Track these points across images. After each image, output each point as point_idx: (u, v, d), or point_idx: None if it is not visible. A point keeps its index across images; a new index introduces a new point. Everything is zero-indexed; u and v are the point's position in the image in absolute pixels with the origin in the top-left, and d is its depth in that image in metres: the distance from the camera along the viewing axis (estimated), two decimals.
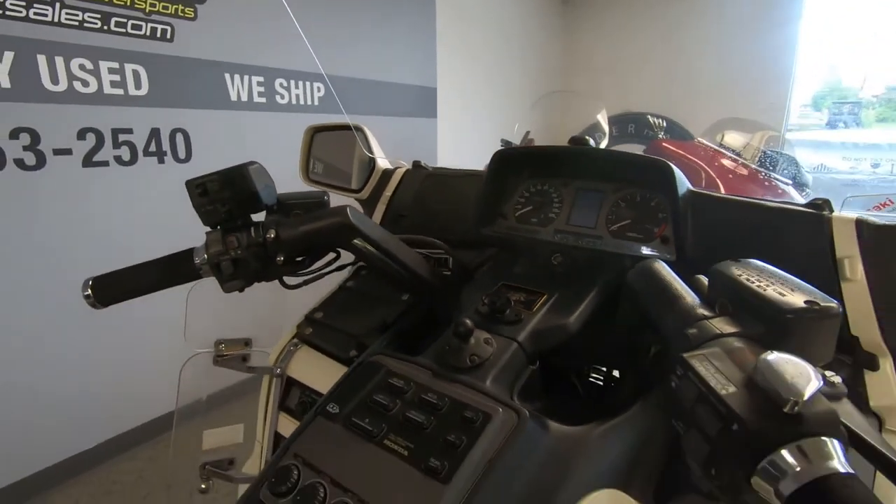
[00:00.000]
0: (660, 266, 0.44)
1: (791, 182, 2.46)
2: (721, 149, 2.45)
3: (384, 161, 0.96)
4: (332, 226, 0.56)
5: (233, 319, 0.96)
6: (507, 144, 2.26)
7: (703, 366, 0.30)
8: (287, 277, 0.62)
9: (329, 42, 2.53)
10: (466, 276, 0.76)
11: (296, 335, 0.75)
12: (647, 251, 0.68)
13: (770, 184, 2.38)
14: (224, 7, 2.04)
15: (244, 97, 2.19)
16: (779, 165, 2.50)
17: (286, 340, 0.75)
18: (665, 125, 3.46)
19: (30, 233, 1.67)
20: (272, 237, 0.55)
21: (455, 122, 3.51)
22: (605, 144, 2.16)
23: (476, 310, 0.59)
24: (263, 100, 2.27)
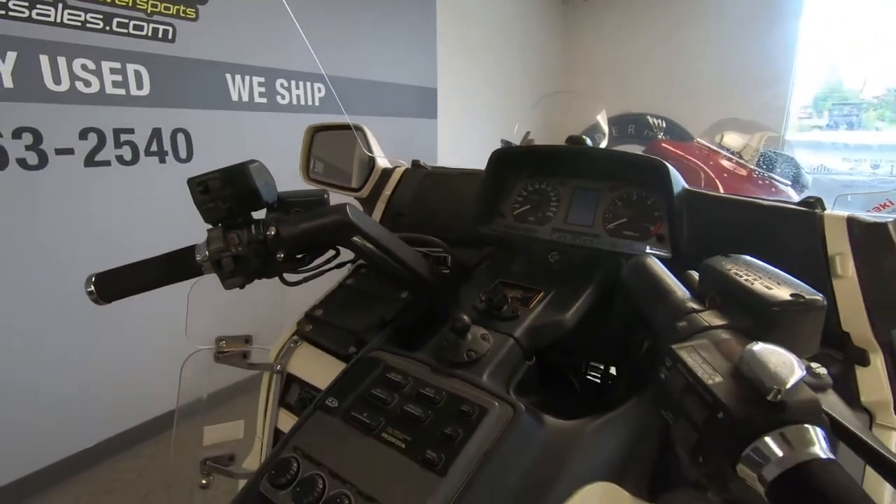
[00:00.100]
0: (652, 262, 0.45)
1: (790, 183, 2.47)
2: (720, 149, 2.46)
3: (384, 160, 0.97)
4: (332, 223, 0.57)
5: (233, 318, 0.96)
6: (508, 145, 2.26)
7: (691, 357, 0.31)
8: (287, 274, 0.63)
9: (330, 42, 2.54)
10: (465, 275, 0.77)
11: (296, 332, 0.76)
12: (644, 249, 0.69)
13: (769, 184, 2.39)
14: (225, 8, 2.05)
15: (245, 97, 2.20)
16: (778, 166, 2.51)
17: (286, 337, 0.76)
18: (664, 126, 3.47)
19: (32, 232, 1.68)
20: (272, 234, 0.56)
21: (455, 123, 3.52)
22: (605, 145, 2.17)
23: (473, 306, 0.60)
24: (264, 100, 2.28)
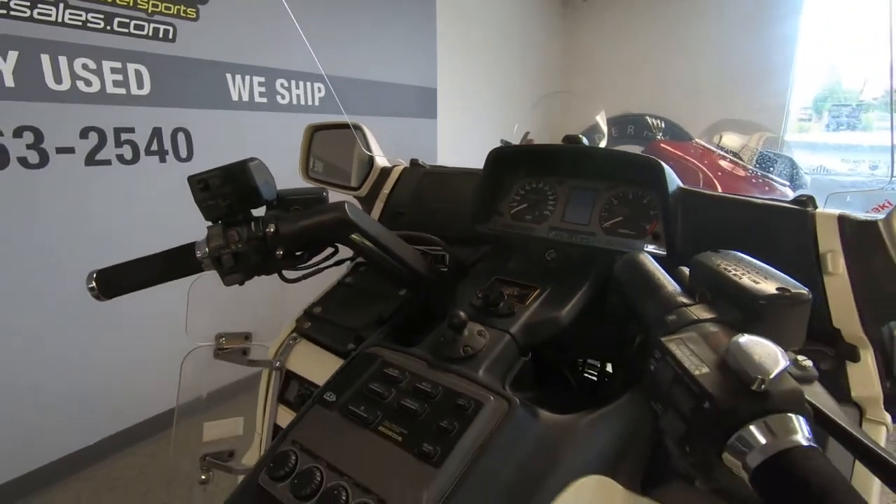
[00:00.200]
0: (644, 258, 0.45)
1: (788, 183, 2.48)
2: (718, 150, 2.47)
3: (382, 159, 0.97)
4: (331, 221, 0.58)
5: (233, 316, 0.97)
6: (507, 144, 2.27)
7: (680, 349, 0.32)
8: (286, 271, 0.63)
9: (330, 42, 2.55)
10: (463, 272, 0.78)
11: (295, 329, 0.76)
12: (639, 247, 0.69)
13: (767, 185, 2.40)
14: (225, 8, 2.05)
15: (245, 97, 2.21)
16: (776, 167, 2.52)
17: (285, 334, 0.76)
18: (663, 126, 3.48)
19: (32, 230, 1.68)
20: (272, 231, 0.56)
21: (455, 123, 3.52)
22: (604, 145, 2.17)
23: (470, 303, 0.60)
24: (264, 100, 2.29)
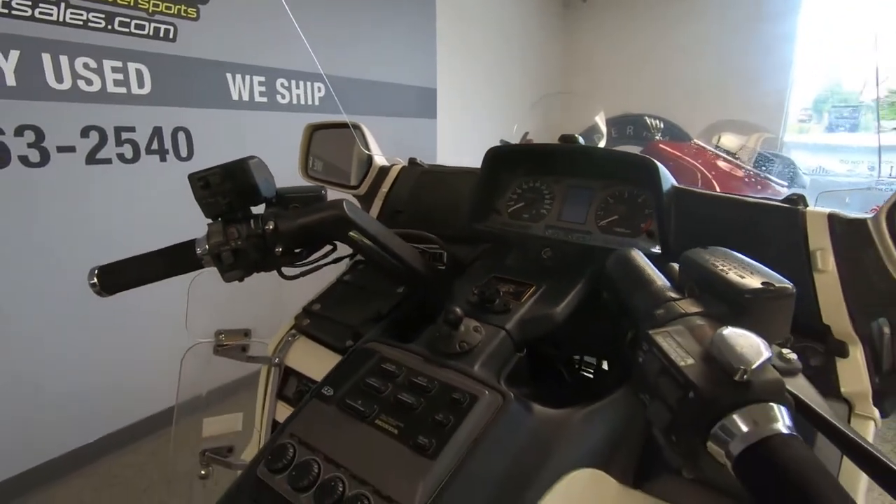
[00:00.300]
0: (635, 254, 0.46)
1: (786, 184, 2.48)
2: (717, 150, 2.48)
3: (381, 158, 0.98)
4: (329, 218, 0.59)
5: (232, 315, 0.98)
6: (505, 144, 2.28)
7: (666, 341, 0.33)
8: (285, 268, 0.64)
9: (330, 42, 2.55)
10: (460, 270, 0.79)
11: (294, 326, 0.77)
12: (634, 245, 0.70)
13: (765, 185, 2.41)
14: (226, 7, 2.06)
15: (245, 97, 2.22)
16: (775, 167, 2.52)
17: (284, 331, 0.77)
18: (662, 126, 3.49)
19: (33, 228, 1.69)
20: (271, 228, 0.57)
21: (455, 123, 3.53)
22: (603, 145, 2.18)
23: (467, 300, 0.61)
24: (264, 99, 2.30)
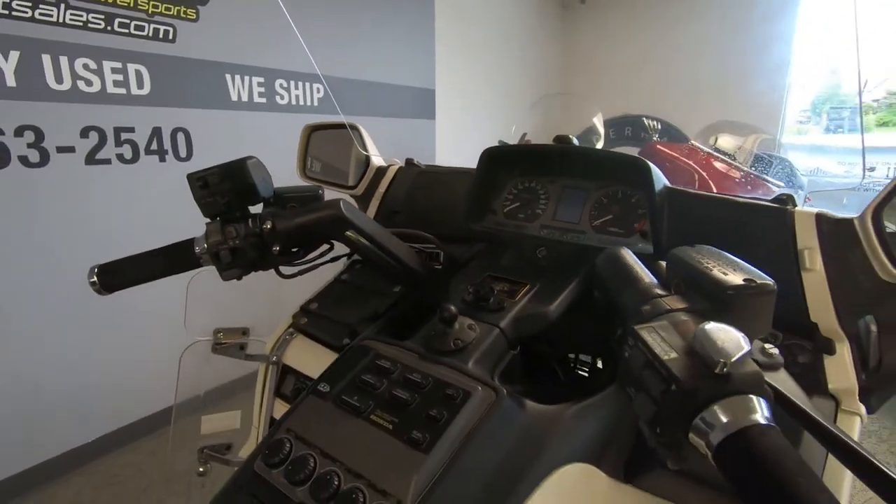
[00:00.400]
0: (624, 252, 0.47)
1: (783, 185, 2.49)
2: (714, 151, 2.49)
3: (378, 158, 0.99)
4: (326, 218, 0.59)
5: (230, 314, 0.99)
6: (502, 144, 2.28)
7: (651, 336, 0.34)
8: (283, 267, 0.65)
9: (329, 43, 2.56)
10: (457, 269, 0.79)
11: (291, 325, 0.78)
12: (627, 244, 0.71)
13: (762, 186, 2.41)
14: (225, 9, 2.07)
15: (244, 97, 2.23)
16: (772, 168, 2.53)
17: (282, 330, 0.78)
18: (660, 127, 3.50)
19: (33, 228, 1.70)
20: (268, 228, 0.58)
21: (453, 124, 3.54)
22: (601, 146, 2.19)
23: (462, 298, 0.62)
24: (263, 100, 2.30)
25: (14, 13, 1.54)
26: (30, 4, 1.57)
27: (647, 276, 0.43)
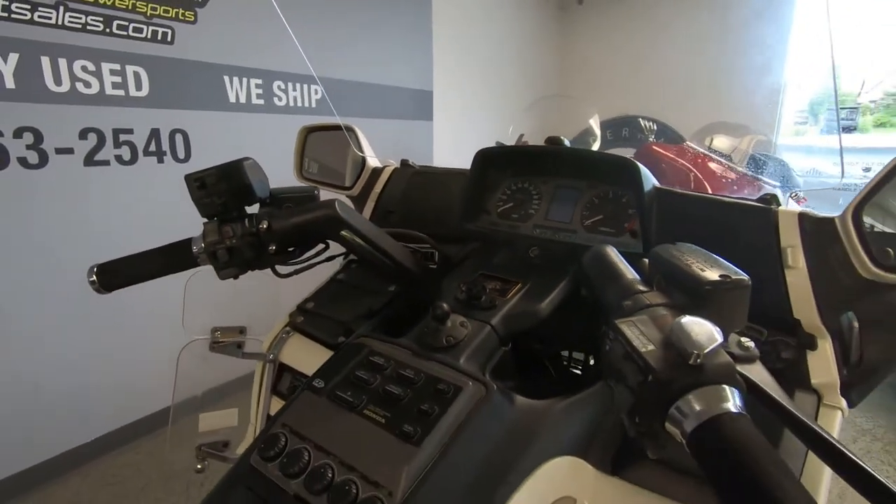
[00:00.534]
0: (609, 250, 0.49)
1: (779, 184, 2.51)
2: (709, 152, 2.50)
3: (374, 160, 1.00)
4: (321, 217, 0.61)
5: (228, 314, 0.99)
6: (498, 145, 2.29)
7: (630, 329, 0.35)
8: (279, 267, 0.66)
9: (326, 45, 2.57)
10: (451, 269, 0.81)
11: (288, 324, 0.79)
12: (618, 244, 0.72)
13: (757, 186, 2.43)
14: (223, 11, 2.08)
15: (242, 99, 2.24)
16: (768, 169, 2.55)
17: (279, 328, 0.79)
18: (656, 128, 3.52)
19: (32, 229, 1.71)
20: (265, 227, 0.59)
21: (451, 125, 3.55)
22: (597, 147, 2.21)
23: (455, 296, 0.63)
24: (261, 101, 2.31)
25: (13, 15, 1.55)
26: (29, 7, 1.58)
27: (630, 273, 0.44)
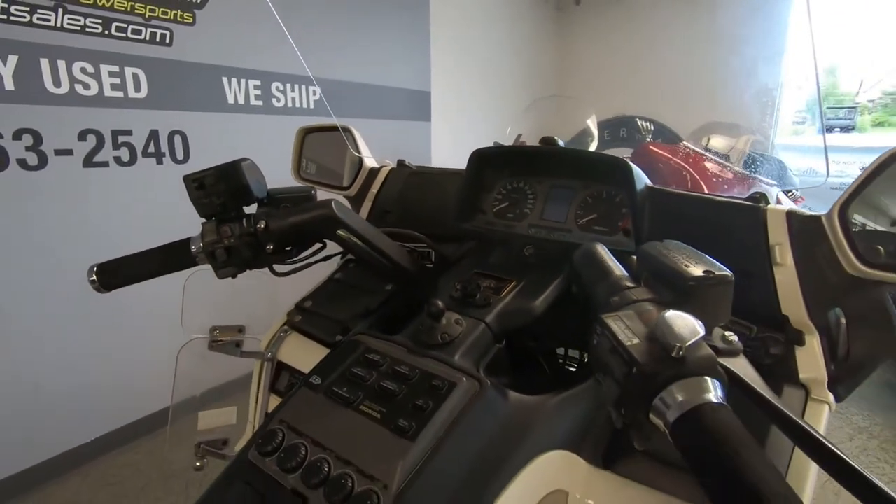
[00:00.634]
0: (598, 248, 0.50)
1: (776, 184, 2.52)
2: (706, 152, 2.51)
3: (371, 160, 1.01)
4: (318, 217, 0.62)
5: (228, 315, 1.00)
6: (495, 145, 2.30)
7: (616, 324, 0.36)
8: (277, 266, 0.67)
9: (325, 46, 2.58)
10: (447, 268, 0.82)
11: (286, 322, 0.79)
12: (611, 242, 0.73)
13: (754, 185, 2.44)
14: (222, 12, 2.09)
15: (241, 100, 2.24)
16: (764, 168, 2.56)
17: (277, 327, 0.80)
18: (652, 128, 3.52)
19: (32, 230, 1.71)
20: (262, 227, 0.60)
21: (449, 126, 3.55)
22: (594, 148, 2.22)
23: (450, 295, 0.64)
24: (260, 102, 2.32)
25: (12, 18, 1.56)
26: (28, 9, 1.59)
27: (619, 270, 0.45)
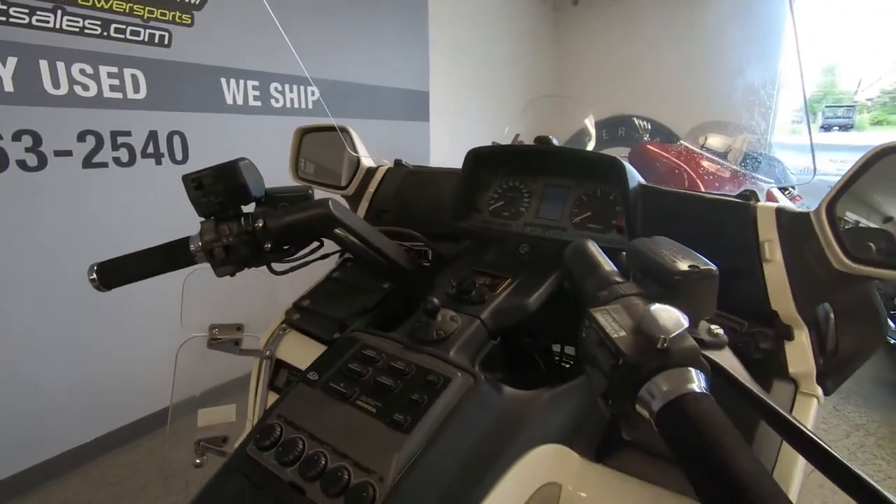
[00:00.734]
0: (589, 244, 0.51)
1: (773, 182, 2.53)
2: (703, 151, 2.53)
3: (368, 160, 1.02)
4: (315, 216, 0.62)
5: (228, 315, 1.01)
6: (494, 145, 2.31)
7: (604, 317, 0.37)
8: (275, 264, 0.68)
9: (323, 47, 2.59)
10: (443, 266, 0.83)
11: (284, 321, 0.80)
12: (605, 240, 0.74)
13: (752, 184, 2.45)
14: (220, 13, 2.10)
15: (240, 101, 2.25)
16: (762, 167, 2.57)
17: (275, 325, 0.81)
18: (650, 128, 3.54)
19: (32, 231, 1.72)
20: (260, 226, 0.61)
21: (447, 126, 3.56)
22: (592, 147, 2.23)
23: (445, 292, 0.65)
24: (258, 103, 2.33)
25: (11, 20, 1.57)
26: (27, 11, 1.59)
27: (609, 265, 0.46)
